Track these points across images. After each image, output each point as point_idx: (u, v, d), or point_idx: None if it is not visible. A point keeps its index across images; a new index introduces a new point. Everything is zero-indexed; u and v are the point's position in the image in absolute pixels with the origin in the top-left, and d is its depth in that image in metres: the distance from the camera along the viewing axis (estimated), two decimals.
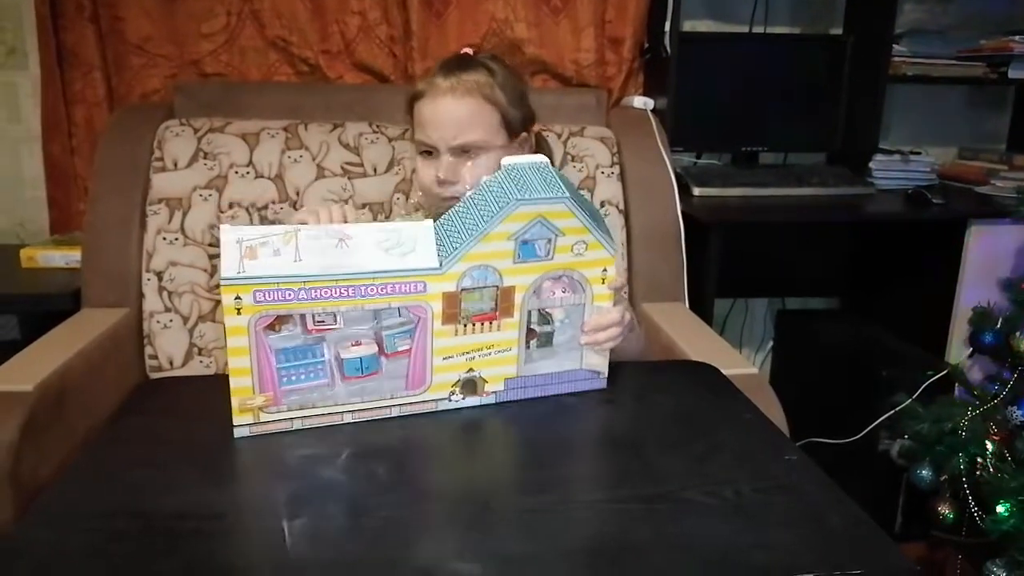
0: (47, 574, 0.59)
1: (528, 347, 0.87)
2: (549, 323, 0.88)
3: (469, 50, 1.10)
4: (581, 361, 0.89)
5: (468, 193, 0.85)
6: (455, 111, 1.03)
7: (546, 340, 0.88)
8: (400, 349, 0.81)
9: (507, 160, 0.83)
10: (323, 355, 0.79)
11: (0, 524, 0.94)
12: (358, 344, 0.80)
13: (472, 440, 0.83)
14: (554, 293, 0.86)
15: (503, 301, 0.83)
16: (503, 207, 0.79)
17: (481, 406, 0.86)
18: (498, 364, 0.85)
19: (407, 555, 0.61)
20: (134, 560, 0.60)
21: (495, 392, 0.86)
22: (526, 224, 0.80)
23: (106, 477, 0.73)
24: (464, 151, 1.03)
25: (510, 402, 0.87)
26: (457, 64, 1.06)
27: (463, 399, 0.85)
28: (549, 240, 0.82)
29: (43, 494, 0.71)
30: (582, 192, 1.27)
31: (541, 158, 0.83)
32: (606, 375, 0.91)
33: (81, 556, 0.61)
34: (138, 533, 0.63)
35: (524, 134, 1.11)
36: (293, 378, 0.79)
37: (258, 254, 0.75)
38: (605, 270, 0.86)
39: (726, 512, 0.67)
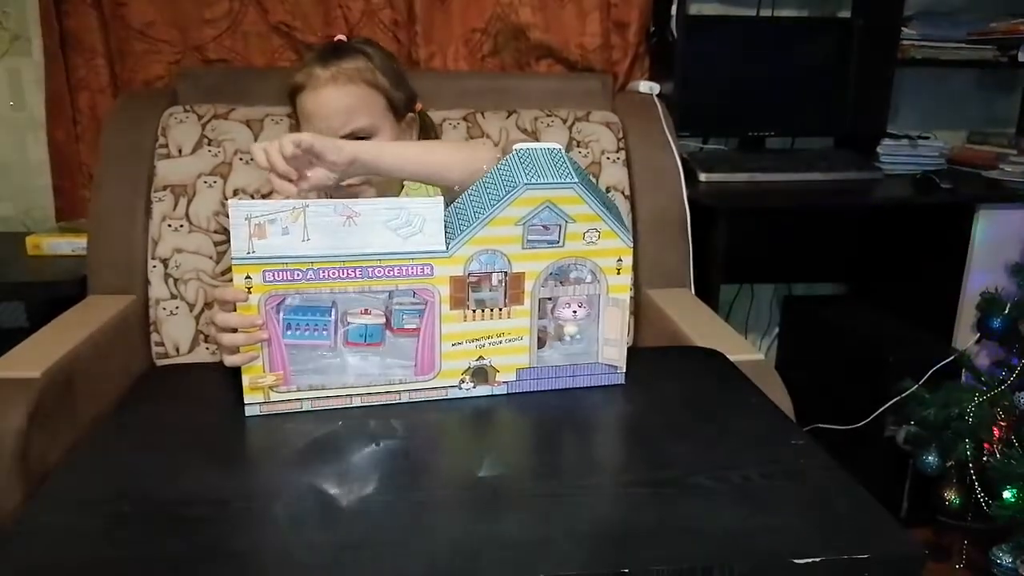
0: (54, 558, 0.59)
1: (544, 344, 0.86)
2: (561, 338, 0.86)
3: (342, 37, 1.09)
4: (599, 355, 0.87)
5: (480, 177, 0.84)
6: (340, 100, 1.02)
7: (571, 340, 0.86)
8: (407, 326, 0.80)
9: (520, 145, 0.81)
10: (329, 316, 0.79)
11: (8, 509, 0.95)
12: (367, 312, 0.80)
13: (480, 424, 0.82)
14: (568, 306, 0.84)
15: (512, 288, 0.82)
16: (510, 191, 0.78)
17: (492, 396, 0.85)
18: (510, 353, 0.84)
19: (414, 538, 0.62)
20: (141, 546, 0.61)
21: (507, 382, 0.85)
22: (534, 209, 0.79)
23: (113, 463, 0.73)
24: (355, 139, 1.03)
25: (523, 393, 0.86)
26: (334, 52, 1.05)
27: (474, 387, 0.85)
28: (559, 226, 0.81)
29: (50, 479, 0.71)
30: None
31: (555, 144, 0.82)
32: (624, 370, 0.88)
33: (88, 541, 0.61)
34: (145, 519, 0.64)
35: (410, 114, 1.11)
36: (297, 333, 0.79)
37: (267, 232, 0.75)
38: (620, 260, 0.84)
39: (733, 497, 0.67)
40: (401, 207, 0.77)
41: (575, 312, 0.85)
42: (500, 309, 0.82)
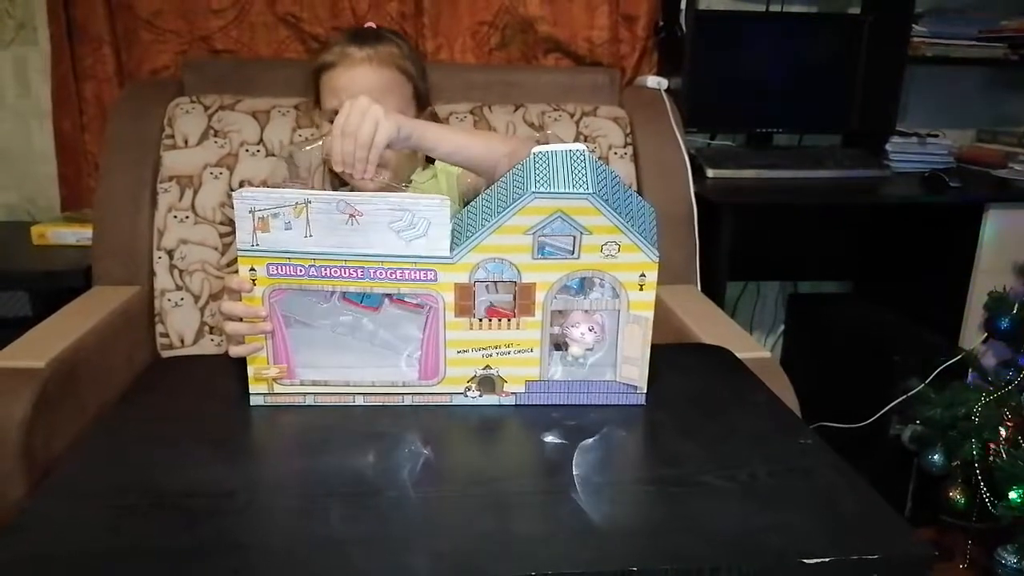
0: (58, 549, 0.59)
1: (554, 356, 0.82)
2: (574, 362, 0.83)
3: (372, 24, 1.09)
4: (617, 373, 0.83)
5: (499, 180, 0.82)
6: (374, 80, 1.02)
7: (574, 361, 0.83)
8: (407, 300, 0.78)
9: (539, 147, 0.77)
10: (330, 290, 0.78)
11: (13, 499, 0.95)
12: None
13: (486, 423, 0.82)
14: (578, 326, 0.80)
15: (522, 298, 0.78)
16: (517, 198, 0.74)
17: (500, 406, 0.82)
18: (519, 364, 0.81)
19: (421, 534, 0.61)
20: (145, 537, 0.60)
21: (515, 393, 0.82)
22: (544, 219, 0.75)
23: (118, 454, 0.73)
24: None
25: (532, 406, 0.83)
26: (370, 35, 1.05)
27: (480, 396, 0.82)
28: (573, 238, 0.76)
29: (55, 470, 0.71)
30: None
31: (579, 145, 0.77)
32: (644, 391, 0.83)
33: (92, 532, 0.61)
34: (149, 510, 0.64)
35: (429, 108, 1.12)
36: (295, 305, 0.78)
37: (270, 227, 0.74)
38: (643, 275, 0.78)
39: (741, 496, 0.67)
40: (405, 209, 0.74)
41: (583, 334, 0.80)
42: (509, 320, 0.79)
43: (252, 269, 0.76)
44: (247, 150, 1.42)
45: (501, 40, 1.73)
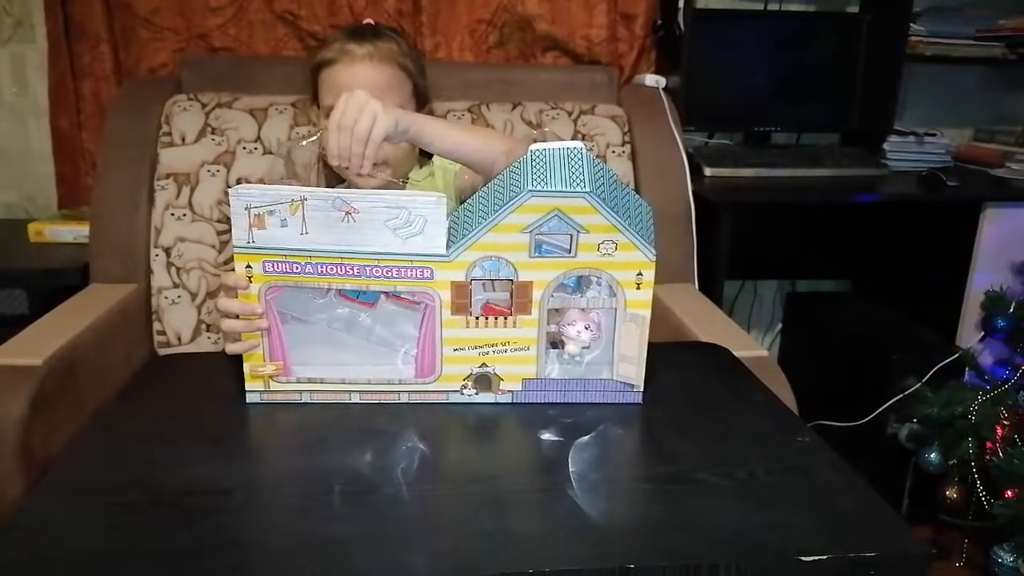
0: (57, 548, 0.59)
1: (551, 354, 0.82)
2: (571, 360, 0.83)
3: (371, 21, 1.10)
4: (614, 372, 0.83)
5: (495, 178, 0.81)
6: (374, 77, 1.02)
7: (570, 359, 0.83)
8: (403, 296, 0.78)
9: (536, 145, 0.76)
10: (326, 286, 0.78)
11: (11, 498, 0.95)
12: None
13: (483, 421, 0.82)
14: (574, 324, 0.80)
15: (519, 296, 0.78)
16: (514, 197, 0.74)
17: (496, 403, 0.82)
18: (515, 363, 0.81)
19: (419, 533, 0.61)
20: (143, 535, 0.60)
21: (512, 391, 0.82)
22: (541, 217, 0.74)
23: (115, 452, 0.73)
24: None
25: (529, 404, 0.83)
26: (370, 32, 1.06)
27: (476, 394, 0.82)
28: (570, 236, 0.76)
29: (53, 468, 0.71)
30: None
31: (576, 143, 0.76)
32: (641, 388, 0.83)
33: (90, 530, 0.61)
34: (147, 508, 0.64)
35: (428, 106, 1.12)
36: (291, 303, 0.78)
37: (266, 223, 0.74)
38: (641, 274, 0.78)
39: (739, 493, 0.67)
40: (402, 206, 0.74)
41: (579, 332, 0.80)
42: (505, 318, 0.79)
43: (248, 266, 0.76)
44: (244, 148, 1.42)
45: (499, 38, 1.73)
